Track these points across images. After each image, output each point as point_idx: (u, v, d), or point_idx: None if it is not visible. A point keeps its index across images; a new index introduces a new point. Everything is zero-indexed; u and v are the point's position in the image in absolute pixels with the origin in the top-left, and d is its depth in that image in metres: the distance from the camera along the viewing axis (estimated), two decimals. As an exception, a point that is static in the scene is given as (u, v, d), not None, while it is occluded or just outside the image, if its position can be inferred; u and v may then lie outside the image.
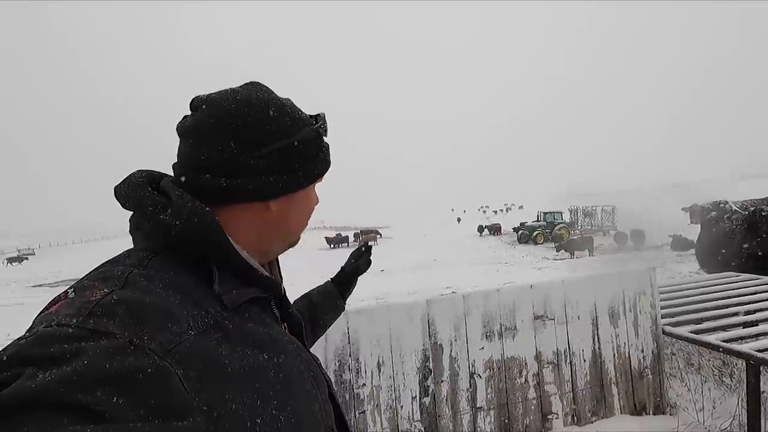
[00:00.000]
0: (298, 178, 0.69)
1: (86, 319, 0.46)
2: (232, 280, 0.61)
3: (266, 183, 0.65)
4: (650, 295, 2.98)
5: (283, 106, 0.69)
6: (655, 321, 2.98)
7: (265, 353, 0.59)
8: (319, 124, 0.73)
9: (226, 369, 0.52)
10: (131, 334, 0.46)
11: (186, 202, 0.60)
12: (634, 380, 2.90)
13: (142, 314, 0.49)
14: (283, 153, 0.67)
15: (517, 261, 21.09)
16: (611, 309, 2.90)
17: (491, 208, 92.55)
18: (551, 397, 2.72)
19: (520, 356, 2.68)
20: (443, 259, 23.28)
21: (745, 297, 3.50)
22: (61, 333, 0.45)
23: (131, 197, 0.62)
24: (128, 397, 0.42)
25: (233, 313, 0.58)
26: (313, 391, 0.66)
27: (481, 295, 2.64)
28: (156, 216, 0.59)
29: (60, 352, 0.43)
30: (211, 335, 0.53)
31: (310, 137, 0.70)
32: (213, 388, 0.50)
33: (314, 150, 0.72)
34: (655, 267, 3.09)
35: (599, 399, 2.82)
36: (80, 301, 0.49)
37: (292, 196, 0.70)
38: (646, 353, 2.95)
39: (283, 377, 0.59)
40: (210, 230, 0.59)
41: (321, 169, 0.73)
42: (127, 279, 0.53)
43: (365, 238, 38.99)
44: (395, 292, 11.12)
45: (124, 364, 0.44)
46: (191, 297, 0.55)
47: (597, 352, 2.84)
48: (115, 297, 0.49)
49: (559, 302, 2.78)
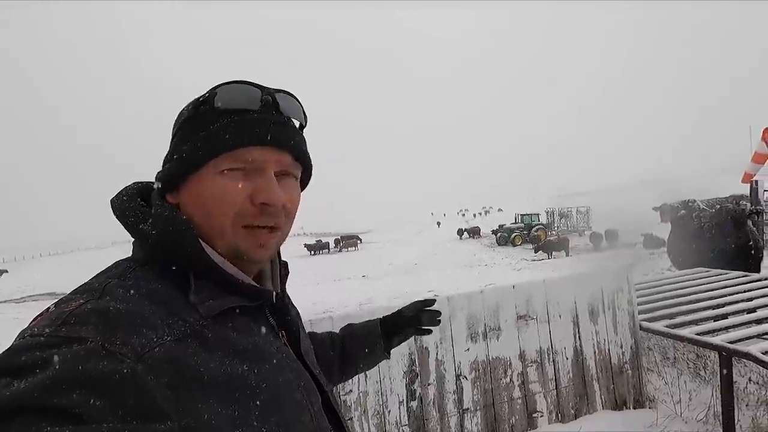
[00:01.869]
0: (179, 162, 0.60)
1: (59, 328, 0.46)
2: (211, 289, 0.59)
3: (160, 173, 0.64)
4: (627, 292, 3.06)
5: (200, 97, 0.63)
6: (632, 317, 3.06)
7: (246, 363, 0.57)
8: (199, 97, 0.62)
9: (201, 377, 0.51)
10: (103, 338, 0.46)
11: (163, 211, 0.59)
12: (614, 376, 2.98)
13: (115, 321, 0.48)
14: (172, 142, 0.64)
15: (496, 263, 21.40)
16: (591, 307, 2.97)
17: (470, 211, 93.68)
18: (536, 395, 2.76)
19: (505, 356, 2.71)
20: (424, 263, 23.40)
21: (715, 291, 3.65)
22: (33, 342, 0.45)
23: (118, 208, 0.62)
24: (105, 399, 0.42)
25: (213, 321, 0.57)
26: (304, 402, 0.64)
27: (465, 297, 2.67)
28: (136, 226, 0.59)
29: (32, 359, 0.43)
30: (188, 343, 0.52)
31: (190, 115, 0.62)
32: (186, 397, 0.49)
33: (192, 130, 0.61)
34: (631, 265, 3.19)
35: (582, 395, 2.88)
36: (56, 312, 0.49)
37: (186, 188, 0.61)
38: (625, 349, 3.03)
39: (266, 387, 0.57)
40: (184, 239, 0.57)
41: (196, 150, 0.59)
42: (104, 289, 0.53)
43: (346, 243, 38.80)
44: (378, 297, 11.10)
45: (98, 367, 0.44)
46: (168, 306, 0.54)
47: (578, 350, 2.91)
48: (89, 306, 0.49)
49: (541, 302, 2.84)
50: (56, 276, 31.86)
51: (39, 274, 35.61)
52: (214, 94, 0.61)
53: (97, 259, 26.74)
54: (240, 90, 0.61)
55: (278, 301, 0.70)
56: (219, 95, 0.60)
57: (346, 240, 39.82)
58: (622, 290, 3.05)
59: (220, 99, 0.60)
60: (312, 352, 0.80)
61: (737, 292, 3.59)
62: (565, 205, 37.67)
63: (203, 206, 0.60)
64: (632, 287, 3.08)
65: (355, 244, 39.31)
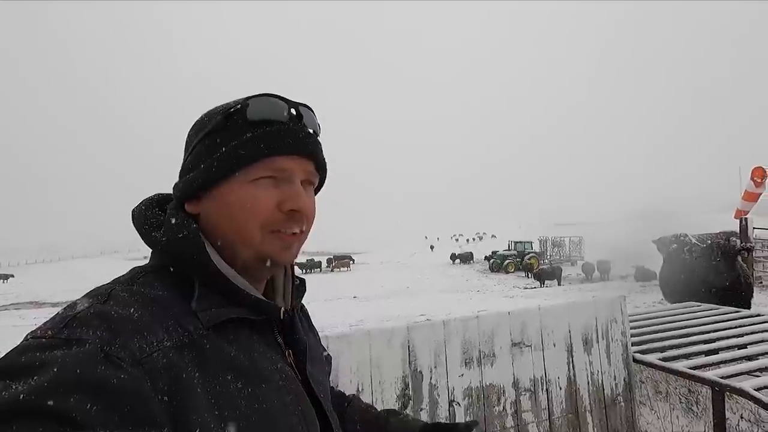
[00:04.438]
0: (200, 173, 0.61)
1: (61, 330, 0.47)
2: (214, 298, 0.58)
3: (177, 185, 0.64)
4: (621, 322, 3.08)
5: (222, 105, 0.65)
6: (626, 348, 3.07)
7: (241, 380, 0.55)
8: (230, 108, 0.63)
9: (194, 389, 0.51)
10: (102, 342, 0.47)
11: (175, 219, 0.60)
12: (607, 408, 2.96)
13: (116, 325, 0.49)
14: (194, 150, 0.63)
15: (488, 289, 21.34)
16: (585, 336, 2.97)
17: (464, 236, 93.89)
18: (528, 425, 2.72)
19: (498, 383, 2.69)
20: (417, 287, 23.28)
21: (706, 326, 3.67)
22: (34, 344, 0.46)
23: (136, 217, 0.63)
24: (103, 403, 0.43)
25: (215, 333, 0.56)
26: (300, 427, 0.61)
27: (460, 322, 2.66)
28: (149, 234, 0.61)
29: (31, 361, 0.44)
30: (185, 352, 0.52)
31: (220, 126, 0.62)
32: (179, 406, 0.49)
33: (224, 138, 0.61)
34: (624, 296, 3.21)
35: (575, 427, 2.84)
36: (60, 316, 0.51)
37: (212, 196, 0.62)
38: (618, 381, 3.02)
39: (259, 408, 0.56)
40: (191, 246, 0.58)
41: (230, 160, 0.60)
42: (110, 294, 0.54)
43: (339, 263, 38.55)
44: (369, 318, 10.99)
45: (96, 371, 0.44)
46: (171, 313, 0.54)
47: (572, 380, 2.89)
48: (93, 310, 0.50)
49: (536, 329, 2.84)
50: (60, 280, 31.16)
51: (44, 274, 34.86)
52: (247, 106, 0.62)
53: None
54: (270, 102, 0.63)
55: (287, 317, 0.69)
56: (251, 107, 0.62)
57: (339, 260, 39.62)
58: (616, 320, 3.07)
59: (252, 111, 0.62)
60: (324, 376, 0.77)
61: (728, 327, 3.61)
62: (559, 234, 37.97)
63: (233, 213, 0.61)
64: (626, 318, 3.10)
65: (347, 265, 39.09)
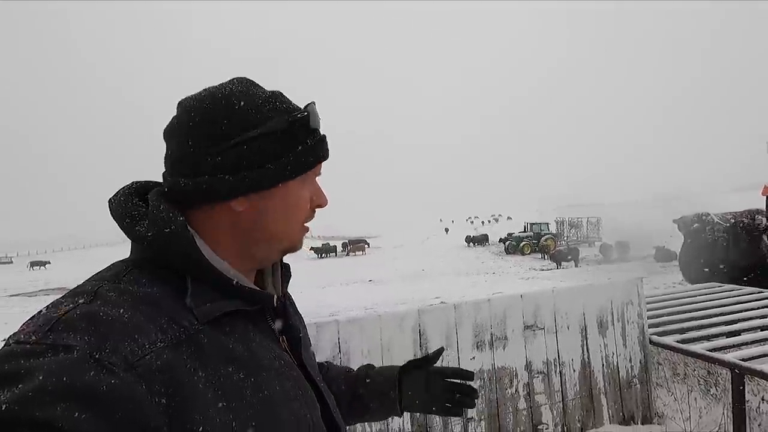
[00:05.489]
0: (265, 173, 0.61)
1: (46, 335, 0.45)
2: (208, 292, 0.57)
3: (223, 181, 0.59)
4: (638, 305, 3.02)
5: (253, 98, 0.62)
6: (642, 331, 3.01)
7: (243, 371, 0.55)
8: (296, 113, 0.64)
9: (195, 386, 0.49)
10: (92, 347, 0.44)
11: (160, 211, 0.57)
12: (622, 390, 2.93)
13: (106, 327, 0.46)
14: (245, 147, 0.60)
15: (504, 271, 21.25)
16: (599, 319, 2.93)
17: (479, 218, 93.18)
18: (541, 407, 2.72)
19: (511, 366, 2.68)
20: (431, 270, 23.32)
21: (727, 307, 3.57)
22: (18, 350, 0.43)
23: (115, 209, 0.60)
24: (91, 412, 0.41)
25: (210, 326, 0.55)
26: (302, 411, 0.61)
27: (472, 305, 2.65)
28: (132, 228, 0.58)
29: (15, 369, 0.41)
30: (182, 350, 0.50)
31: (282, 127, 0.62)
32: (179, 405, 0.47)
33: (289, 142, 0.63)
34: (641, 278, 3.14)
35: (589, 409, 2.83)
36: (45, 317, 0.47)
37: (267, 195, 0.62)
38: (633, 363, 2.97)
39: (262, 397, 0.55)
40: (181, 241, 0.56)
41: (300, 164, 0.63)
42: (96, 293, 0.51)
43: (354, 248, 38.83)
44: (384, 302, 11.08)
45: (84, 378, 0.42)
46: (163, 310, 0.52)
47: (586, 362, 2.86)
48: (79, 311, 0.47)
49: (549, 312, 2.80)
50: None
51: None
52: (307, 113, 0.65)
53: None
54: (316, 112, 0.67)
55: (279, 305, 0.68)
56: (312, 116, 0.66)
57: (354, 244, 39.88)
58: (632, 303, 3.01)
59: (313, 119, 0.66)
60: (314, 359, 0.78)
61: (751, 308, 3.51)
62: (576, 215, 37.34)
63: (288, 211, 0.65)
64: (643, 300, 3.03)
65: (362, 249, 39.35)
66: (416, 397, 0.90)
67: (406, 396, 0.90)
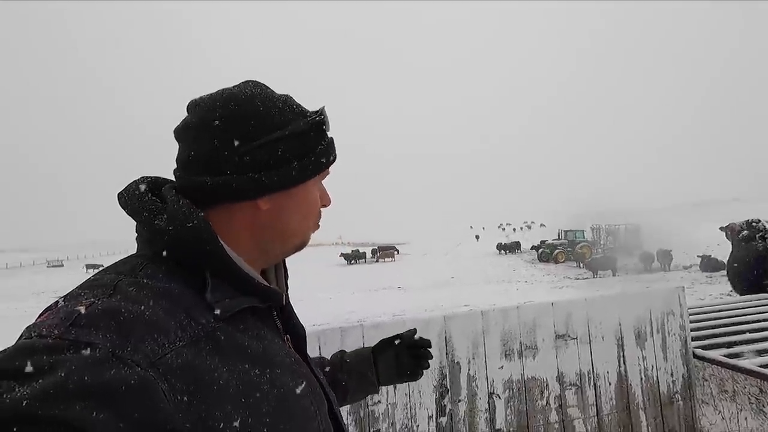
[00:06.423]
0: (290, 173, 0.64)
1: (68, 330, 0.44)
2: (226, 288, 0.57)
3: (252, 180, 0.61)
4: (680, 315, 2.84)
5: (273, 100, 0.65)
6: (685, 343, 2.84)
7: (259, 367, 0.55)
8: (313, 116, 0.68)
9: (215, 383, 0.49)
10: (114, 344, 0.44)
11: (181, 207, 0.58)
12: (663, 406, 2.76)
13: (127, 324, 0.46)
14: (271, 147, 0.62)
15: (537, 280, 20.66)
16: (637, 329, 2.78)
17: (511, 225, 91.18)
18: (575, 421, 2.60)
19: (541, 377, 2.58)
20: (461, 277, 22.97)
21: (782, 320, 3.31)
22: (40, 344, 0.43)
23: (129, 203, 0.61)
24: (111, 411, 0.41)
25: (226, 323, 0.55)
26: (312, 408, 0.62)
27: (500, 312, 2.57)
28: (150, 222, 0.58)
29: (38, 364, 0.41)
30: (201, 346, 0.51)
31: (302, 130, 0.66)
32: (200, 403, 0.47)
33: (309, 143, 0.67)
34: (683, 287, 2.97)
35: (626, 425, 2.68)
36: (65, 311, 0.47)
37: (288, 194, 0.65)
38: (676, 377, 2.80)
39: (277, 393, 0.56)
40: (203, 236, 0.56)
41: (318, 164, 0.68)
42: (115, 287, 0.51)
43: (383, 254, 38.87)
44: (412, 309, 11.00)
45: (105, 377, 0.42)
46: (182, 306, 0.53)
47: (623, 375, 2.72)
48: (101, 306, 0.47)
49: (582, 321, 2.69)
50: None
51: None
52: (322, 116, 0.70)
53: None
54: (327, 114, 0.71)
55: (286, 303, 0.70)
56: (327, 119, 0.70)
57: (383, 251, 39.91)
58: (674, 313, 2.84)
59: (328, 122, 0.71)
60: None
61: (809, 322, 3.24)
62: (613, 222, 35.84)
63: (306, 210, 0.69)
64: (685, 310, 2.86)
65: (392, 255, 39.33)
66: (389, 371, 0.98)
67: (382, 373, 0.98)
